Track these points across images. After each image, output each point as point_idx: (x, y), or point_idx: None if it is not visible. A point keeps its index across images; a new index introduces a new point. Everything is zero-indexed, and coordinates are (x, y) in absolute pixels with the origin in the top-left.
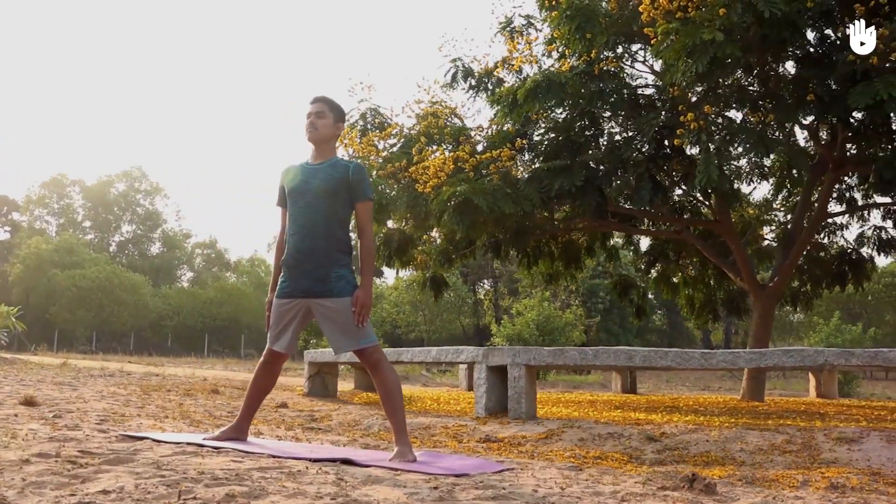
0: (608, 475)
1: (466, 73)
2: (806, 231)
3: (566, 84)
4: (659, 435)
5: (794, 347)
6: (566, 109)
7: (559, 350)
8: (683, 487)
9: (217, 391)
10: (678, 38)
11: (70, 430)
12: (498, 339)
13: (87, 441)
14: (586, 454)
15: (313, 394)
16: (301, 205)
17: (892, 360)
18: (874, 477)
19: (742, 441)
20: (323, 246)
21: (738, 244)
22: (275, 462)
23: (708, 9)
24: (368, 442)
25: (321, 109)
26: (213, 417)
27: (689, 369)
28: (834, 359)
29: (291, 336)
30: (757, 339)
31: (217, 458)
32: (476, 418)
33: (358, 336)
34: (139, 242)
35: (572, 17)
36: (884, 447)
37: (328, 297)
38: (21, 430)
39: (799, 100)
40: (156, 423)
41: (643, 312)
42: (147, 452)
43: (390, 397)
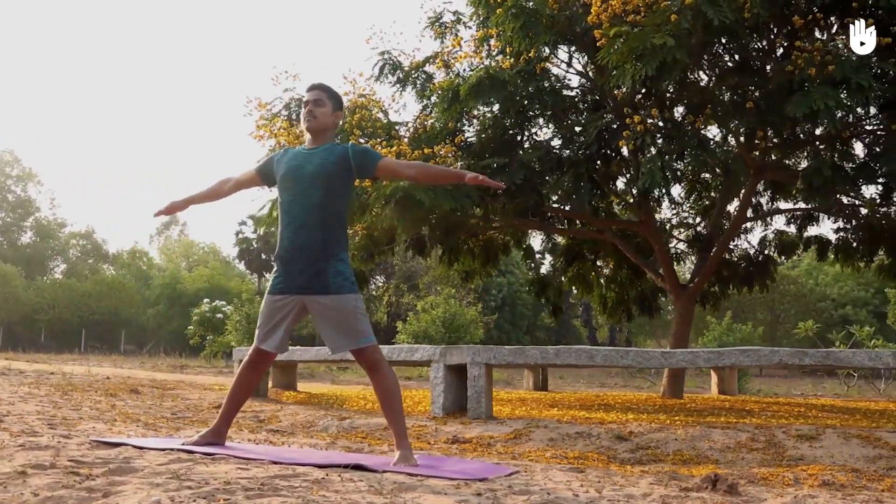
0: (615, 476)
1: (395, 67)
2: (726, 234)
3: (508, 82)
4: (627, 434)
5: (751, 347)
6: (504, 107)
7: (519, 349)
8: (707, 488)
9: (137, 391)
10: (628, 42)
11: (30, 436)
12: (403, 335)
13: (65, 448)
14: (567, 454)
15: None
16: (295, 192)
17: (842, 360)
18: (856, 474)
19: (709, 439)
20: (319, 238)
21: (661, 245)
22: (286, 469)
23: (658, 13)
24: (347, 445)
25: (319, 97)
26: (164, 419)
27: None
28: (788, 358)
29: (283, 334)
30: (678, 338)
31: (222, 465)
32: (433, 418)
33: (356, 335)
34: (9, 231)
35: (517, 15)
36: (842, 444)
37: (325, 293)
38: None
39: (736, 106)
40: (109, 426)
41: (559, 311)
42: (139, 460)
43: (390, 399)
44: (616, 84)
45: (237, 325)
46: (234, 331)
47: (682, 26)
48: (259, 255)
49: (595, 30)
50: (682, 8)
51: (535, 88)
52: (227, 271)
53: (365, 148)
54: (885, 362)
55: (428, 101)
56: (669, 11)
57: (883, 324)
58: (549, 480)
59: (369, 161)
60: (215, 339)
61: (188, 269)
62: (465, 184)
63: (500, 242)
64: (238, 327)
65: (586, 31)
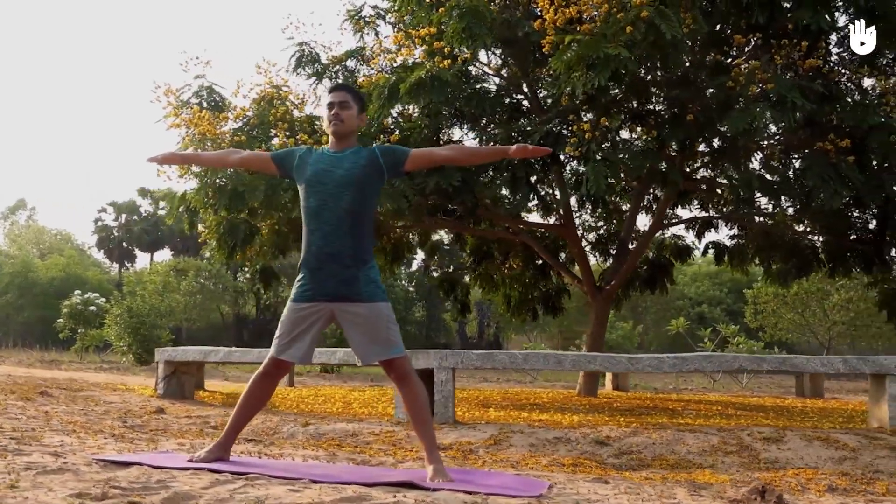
0: (645, 488)
1: (313, 60)
2: (644, 238)
3: (449, 83)
4: (605, 438)
5: (713, 354)
6: (436, 108)
7: (487, 354)
8: (756, 500)
9: (47, 393)
10: (579, 49)
11: (17, 455)
12: None
13: (79, 472)
14: (562, 461)
15: (169, 396)
16: (324, 196)
17: (797, 366)
18: (848, 477)
19: (683, 443)
20: (349, 244)
21: (580, 248)
22: (343, 491)
23: (612, 24)
24: (349, 456)
25: (345, 99)
26: (125, 428)
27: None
28: (748, 364)
29: (308, 344)
30: (594, 338)
31: (274, 487)
32: (398, 423)
33: (388, 345)
34: None
35: (462, 16)
36: (806, 445)
37: (358, 301)
38: None
39: (676, 118)
40: (79, 439)
41: (467, 309)
42: (176, 483)
43: (420, 411)
44: (564, 90)
45: (117, 318)
46: (112, 325)
47: (636, 38)
48: (120, 243)
49: (539, 36)
50: (637, 20)
51: (475, 90)
52: (84, 260)
53: (391, 146)
54: (836, 368)
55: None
56: (625, 22)
57: (736, 320)
58: (594, 493)
59: (398, 158)
60: (87, 333)
61: (40, 257)
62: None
63: (407, 241)
64: (118, 321)
65: (527, 35)
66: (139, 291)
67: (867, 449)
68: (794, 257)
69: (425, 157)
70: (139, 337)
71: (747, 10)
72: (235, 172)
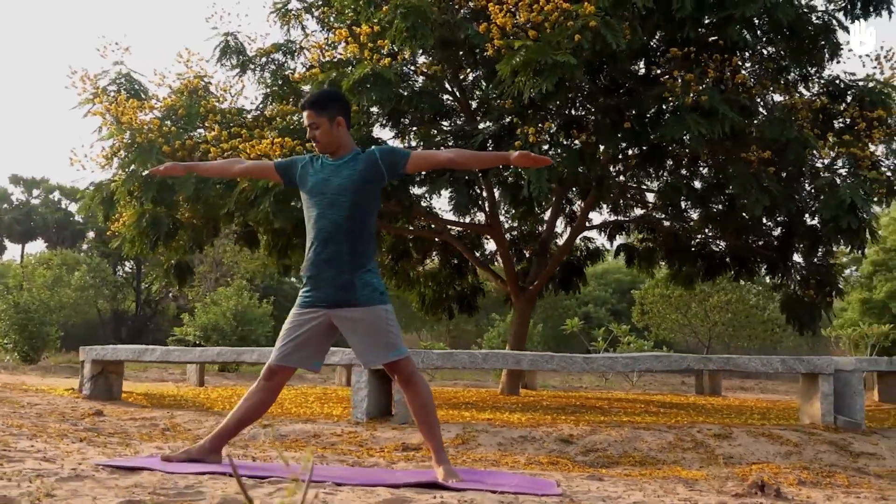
0: (645, 485)
1: (238, 51)
2: (568, 239)
3: (391, 81)
4: (568, 437)
5: (662, 354)
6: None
7: (448, 354)
8: (757, 494)
9: None
10: (527, 54)
11: (10, 462)
12: (190, 328)
13: (99, 479)
14: (540, 460)
15: (96, 397)
16: (323, 205)
17: (740, 366)
18: (809, 471)
19: (642, 440)
20: (346, 250)
21: (506, 249)
22: (365, 493)
23: (560, 31)
24: (340, 458)
25: (311, 121)
26: (91, 432)
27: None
28: (695, 364)
29: (310, 350)
30: (517, 337)
31: (309, 492)
32: (357, 423)
33: (388, 348)
34: None
35: (406, 15)
36: (754, 441)
37: (354, 305)
38: None
39: (613, 125)
40: (50, 445)
41: None
42: (208, 489)
43: (425, 412)
44: (510, 94)
45: (1, 314)
46: None
47: (584, 47)
48: None
49: (482, 39)
50: (584, 29)
51: (415, 91)
52: None
53: (391, 148)
54: (775, 367)
55: (273, 90)
56: (574, 31)
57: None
58: (604, 491)
59: (398, 160)
60: None
61: None
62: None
63: None
64: (3, 317)
65: (468, 38)
66: (25, 286)
67: (808, 444)
68: (701, 261)
69: (426, 160)
70: (26, 334)
71: (679, 25)
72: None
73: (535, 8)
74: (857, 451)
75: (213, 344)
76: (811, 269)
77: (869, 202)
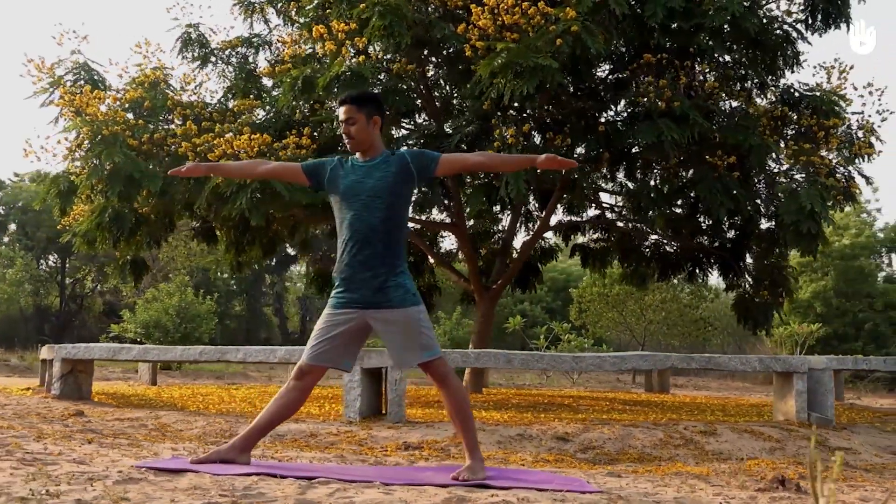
0: (672, 480)
1: (201, 43)
2: (530, 240)
3: (368, 79)
4: (564, 434)
5: (648, 353)
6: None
7: None
8: (778, 489)
9: None
10: (509, 56)
11: (46, 464)
12: (131, 325)
13: (152, 482)
14: (545, 458)
15: (67, 396)
16: (357, 207)
17: (721, 364)
18: (801, 466)
19: (634, 437)
20: (380, 252)
21: (470, 249)
22: (418, 493)
23: (542, 35)
24: (360, 457)
25: (349, 115)
26: (104, 436)
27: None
28: (678, 362)
29: (342, 351)
30: (480, 336)
31: (366, 491)
32: (351, 422)
33: (422, 349)
34: None
35: (383, 14)
36: (738, 438)
37: (388, 307)
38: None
39: (588, 128)
40: (66, 447)
41: None
42: (267, 491)
43: (460, 410)
44: (489, 95)
45: None
46: None
47: (564, 51)
48: None
49: (458, 39)
50: (565, 33)
51: (384, 88)
52: None
53: (421, 151)
54: (753, 366)
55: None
56: (555, 34)
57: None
58: (634, 487)
59: (429, 162)
60: None
61: None
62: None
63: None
64: None
65: (444, 38)
66: None
67: (789, 440)
68: (655, 261)
69: (457, 163)
70: None
71: (650, 32)
72: (128, 158)
73: (516, 11)
74: (833, 446)
75: (155, 342)
76: (764, 270)
77: (826, 208)
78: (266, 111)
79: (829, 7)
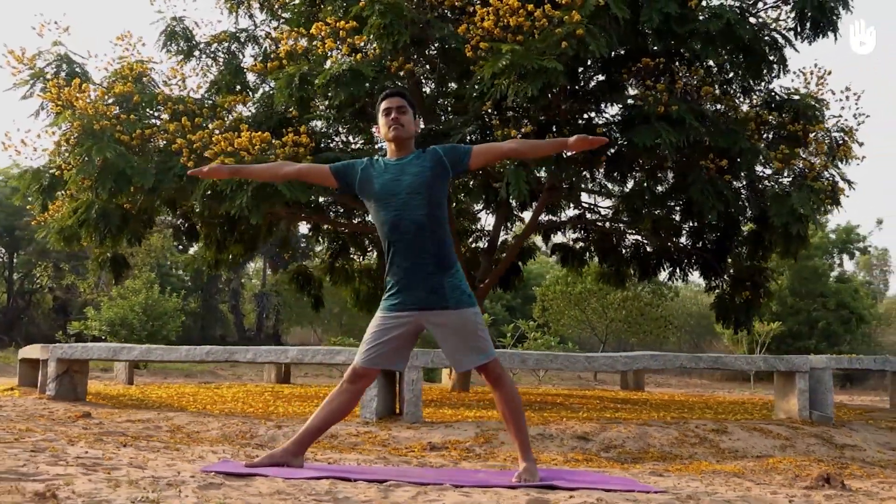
0: (716, 478)
1: (186, 37)
2: (519, 239)
3: (368, 77)
4: (583, 434)
5: (658, 353)
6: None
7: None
8: (824, 486)
9: None
10: (513, 58)
11: (106, 470)
12: (95, 322)
13: (232, 486)
14: (577, 457)
15: (62, 397)
16: (396, 206)
17: (727, 364)
18: (823, 463)
19: (651, 436)
20: (431, 251)
21: (458, 247)
22: (495, 496)
23: (547, 36)
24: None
25: (402, 104)
26: (139, 439)
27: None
28: (687, 362)
29: (397, 354)
30: None
31: (449, 494)
32: (368, 423)
33: (479, 351)
34: None
35: (384, 13)
36: (749, 436)
37: (445, 309)
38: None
39: (586, 130)
40: (117, 451)
41: (321, 304)
42: (351, 495)
43: (514, 412)
44: (492, 96)
45: None
46: None
47: (569, 54)
48: None
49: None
50: (570, 36)
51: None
52: None
53: (452, 145)
54: (758, 365)
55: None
56: (560, 37)
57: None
58: (689, 486)
59: (461, 155)
60: None
61: None
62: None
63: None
64: None
65: (443, 38)
66: None
67: (797, 438)
68: (634, 261)
69: (491, 153)
70: None
71: (644, 37)
72: (119, 153)
73: (521, 13)
74: (839, 443)
75: (121, 340)
76: (744, 271)
77: (814, 211)
78: (256, 108)
79: (818, 16)
